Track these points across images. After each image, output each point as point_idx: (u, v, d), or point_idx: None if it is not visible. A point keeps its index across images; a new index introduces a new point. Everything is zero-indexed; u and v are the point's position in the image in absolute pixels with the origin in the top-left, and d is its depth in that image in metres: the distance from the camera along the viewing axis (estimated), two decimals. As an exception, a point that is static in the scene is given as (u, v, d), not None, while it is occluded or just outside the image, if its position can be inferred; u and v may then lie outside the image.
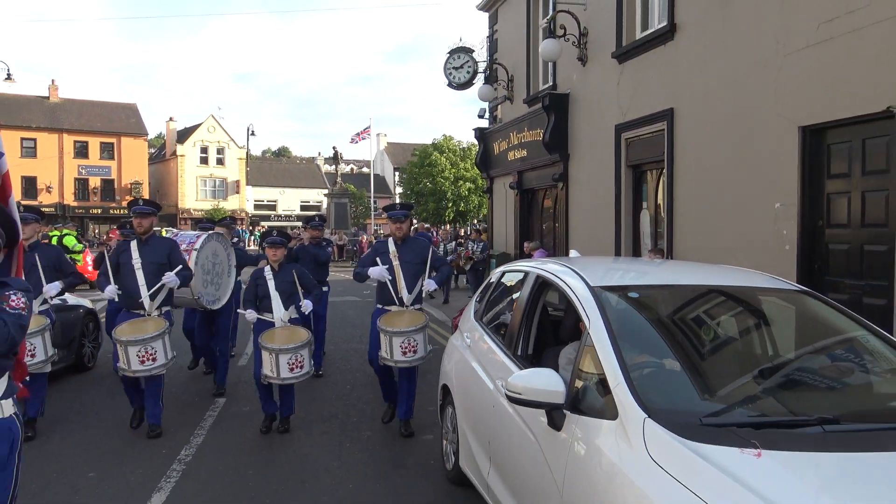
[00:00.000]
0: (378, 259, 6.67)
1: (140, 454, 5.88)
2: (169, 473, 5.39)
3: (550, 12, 13.44)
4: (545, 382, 3.09)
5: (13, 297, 2.84)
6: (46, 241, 10.70)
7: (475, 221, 37.81)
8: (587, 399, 3.03)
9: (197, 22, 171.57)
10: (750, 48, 7.98)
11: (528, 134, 14.49)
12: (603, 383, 2.95)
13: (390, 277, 6.54)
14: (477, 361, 4.59)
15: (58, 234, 17.31)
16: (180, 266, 6.68)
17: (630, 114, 10.71)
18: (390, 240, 6.79)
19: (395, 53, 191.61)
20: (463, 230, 30.84)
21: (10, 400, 2.93)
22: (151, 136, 69.09)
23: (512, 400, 3.22)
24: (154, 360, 6.15)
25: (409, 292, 6.54)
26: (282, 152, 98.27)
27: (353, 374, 9.04)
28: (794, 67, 7.32)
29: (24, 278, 3.24)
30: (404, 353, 6.28)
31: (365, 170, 73.47)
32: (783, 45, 7.46)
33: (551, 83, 13.74)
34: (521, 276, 4.58)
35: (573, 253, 5.55)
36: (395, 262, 6.59)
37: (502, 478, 3.82)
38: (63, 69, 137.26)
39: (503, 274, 5.17)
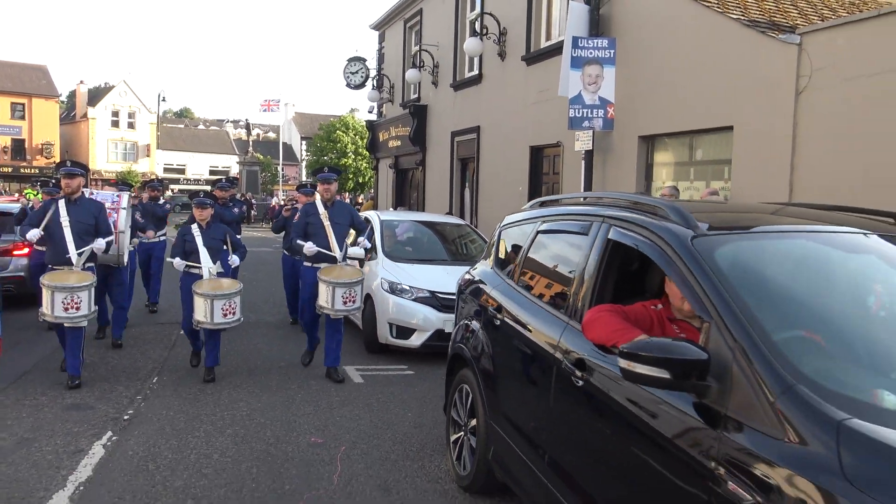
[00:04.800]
0: (309, 221, 7.27)
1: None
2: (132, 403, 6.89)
3: (420, 43, 19.10)
4: (361, 252, 8.95)
5: None
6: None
7: (370, 191, 43.34)
8: (371, 256, 8.87)
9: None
10: (513, 98, 13.94)
11: (401, 129, 20.21)
12: (376, 252, 8.82)
13: (316, 250, 7.11)
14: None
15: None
16: (111, 237, 7.15)
17: (459, 125, 16.60)
18: (318, 202, 7.36)
19: (306, 18, 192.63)
20: (361, 199, 36.28)
21: None
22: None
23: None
24: (77, 308, 6.32)
25: (340, 250, 7.21)
26: (184, 113, 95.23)
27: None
28: (529, 113, 13.32)
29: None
30: (345, 303, 6.88)
31: (271, 135, 77.25)
32: (525, 99, 13.46)
33: (417, 96, 19.49)
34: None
35: (393, 210, 11.38)
36: (326, 223, 7.17)
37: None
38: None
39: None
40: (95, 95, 66.21)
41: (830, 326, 2.68)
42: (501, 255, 4.68)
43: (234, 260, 7.43)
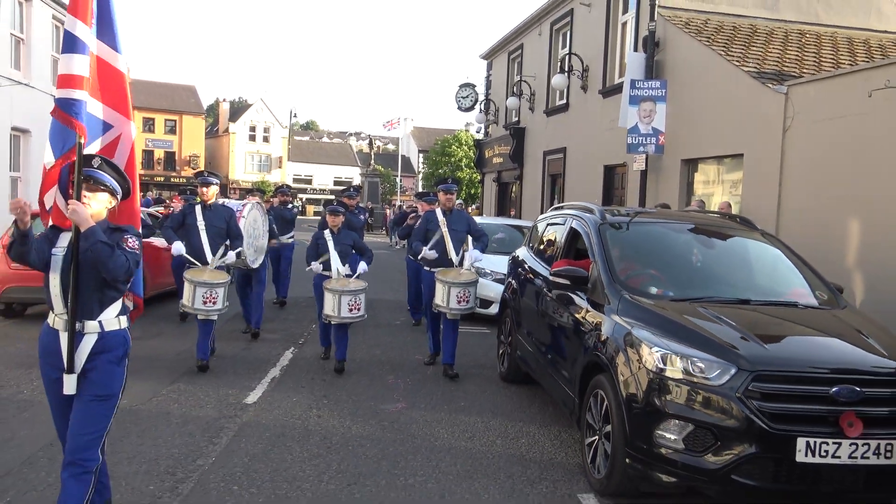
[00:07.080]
0: (429, 228, 7.85)
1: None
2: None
3: (521, 74, 22.10)
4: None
5: (130, 240, 3.50)
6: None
7: (479, 201, 46.70)
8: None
9: None
10: (592, 124, 16.68)
11: (503, 148, 23.26)
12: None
13: (436, 255, 7.69)
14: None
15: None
16: (239, 249, 7.75)
17: (550, 146, 19.46)
18: (438, 210, 7.87)
19: (427, 41, 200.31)
20: (469, 208, 39.59)
21: (125, 316, 3.65)
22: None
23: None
24: (214, 303, 7.10)
25: (456, 255, 7.75)
26: (310, 125, 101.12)
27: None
28: (603, 138, 16.01)
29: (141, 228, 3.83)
30: (459, 302, 7.30)
31: (391, 146, 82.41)
32: (601, 125, 16.17)
33: (516, 119, 22.49)
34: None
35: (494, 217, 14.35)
36: (444, 230, 7.72)
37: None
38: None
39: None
40: (234, 112, 72.94)
41: (668, 269, 5.50)
42: (532, 239, 7.60)
43: (363, 267, 7.83)
